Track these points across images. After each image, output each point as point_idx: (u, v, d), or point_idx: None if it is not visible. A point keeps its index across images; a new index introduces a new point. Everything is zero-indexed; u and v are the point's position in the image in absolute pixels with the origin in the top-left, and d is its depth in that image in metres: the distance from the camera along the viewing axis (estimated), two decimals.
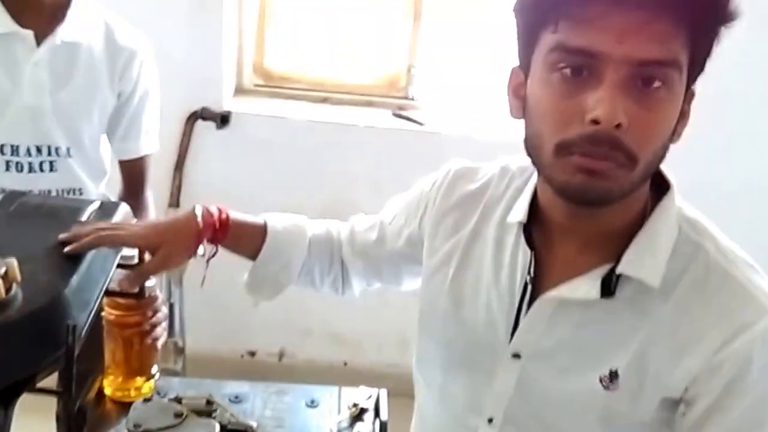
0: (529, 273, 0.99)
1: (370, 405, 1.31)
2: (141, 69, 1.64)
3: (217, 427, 0.87)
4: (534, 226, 1.00)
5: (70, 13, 1.53)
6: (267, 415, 1.26)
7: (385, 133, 2.60)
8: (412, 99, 2.76)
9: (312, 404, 1.33)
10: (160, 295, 1.30)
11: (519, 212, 1.01)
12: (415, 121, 2.64)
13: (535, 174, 0.98)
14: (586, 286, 0.94)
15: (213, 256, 1.16)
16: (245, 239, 1.20)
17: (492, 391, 1.03)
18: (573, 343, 0.96)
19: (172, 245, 1.11)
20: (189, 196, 2.60)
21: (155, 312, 1.29)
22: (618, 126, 0.81)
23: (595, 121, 0.81)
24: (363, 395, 1.32)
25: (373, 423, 1.27)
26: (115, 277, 1.10)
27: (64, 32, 1.53)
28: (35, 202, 1.07)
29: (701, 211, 0.99)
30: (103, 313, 1.30)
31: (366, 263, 1.26)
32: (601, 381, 0.94)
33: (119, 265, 1.08)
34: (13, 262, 0.84)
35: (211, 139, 2.59)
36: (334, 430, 1.25)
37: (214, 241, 1.16)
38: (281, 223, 1.24)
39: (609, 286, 0.93)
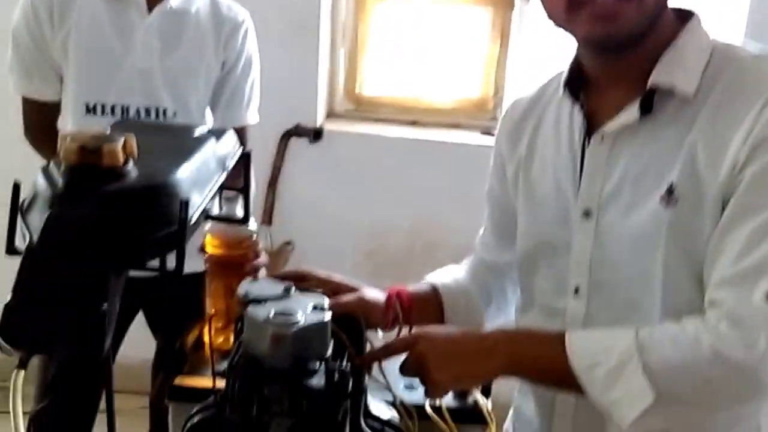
0: (584, 121, 1.02)
1: None
2: (244, 40, 1.67)
3: (327, 300, 0.82)
4: (582, 91, 1.04)
5: None
6: None
7: (473, 150, 2.56)
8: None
9: None
10: (261, 242, 1.28)
11: (564, 76, 1.06)
12: None
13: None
14: (628, 114, 0.98)
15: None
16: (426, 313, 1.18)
17: (573, 261, 1.03)
18: (632, 174, 0.98)
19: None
20: (281, 214, 2.60)
21: (257, 255, 1.27)
22: None
23: None
24: None
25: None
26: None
27: (173, 0, 1.57)
28: (147, 122, 1.05)
29: None
30: (206, 254, 1.28)
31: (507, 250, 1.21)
32: (661, 200, 0.94)
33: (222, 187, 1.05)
34: (132, 137, 0.82)
35: (304, 157, 2.59)
36: None
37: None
38: (445, 279, 1.23)
39: (647, 105, 0.96)
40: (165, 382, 1.24)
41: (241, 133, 1.75)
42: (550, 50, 2.67)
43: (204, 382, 1.17)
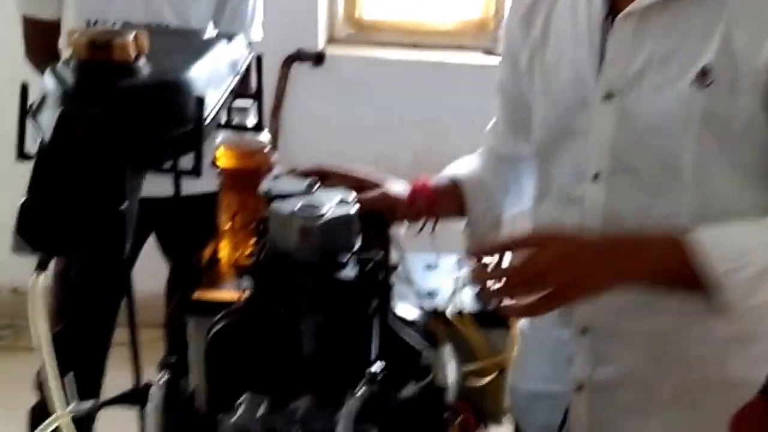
0: (604, 3, 0.97)
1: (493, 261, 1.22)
2: None
3: (352, 193, 0.79)
4: None
5: None
6: None
7: (475, 70, 2.51)
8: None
9: (431, 266, 1.25)
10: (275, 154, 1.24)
11: None
12: None
13: None
14: None
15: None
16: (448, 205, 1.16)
17: (592, 146, 0.99)
18: (660, 54, 0.93)
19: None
20: (285, 140, 2.56)
21: (271, 167, 1.23)
22: None
23: None
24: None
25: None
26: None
27: None
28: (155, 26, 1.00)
29: None
30: (218, 168, 1.24)
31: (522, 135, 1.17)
32: (693, 82, 0.90)
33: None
34: (143, 32, 0.78)
35: (306, 83, 2.54)
36: (458, 281, 1.17)
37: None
38: (463, 172, 1.19)
39: None
40: (182, 298, 1.21)
41: None
42: None
43: (222, 295, 1.15)
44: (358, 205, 0.78)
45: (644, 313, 0.99)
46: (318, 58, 2.51)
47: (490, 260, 0.90)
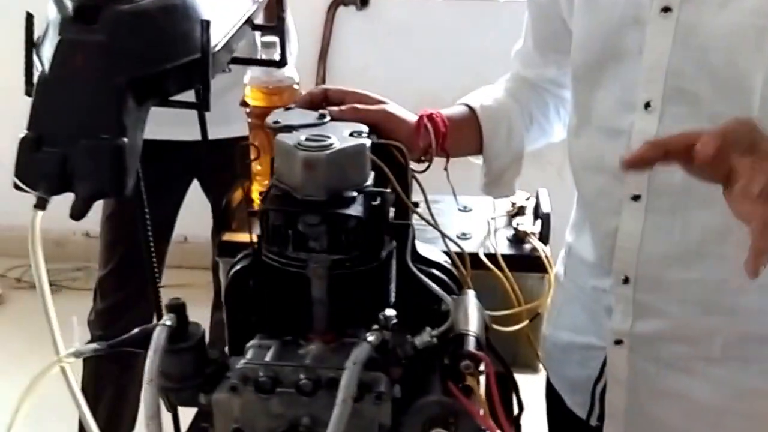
0: None
1: (530, 204, 1.14)
2: None
3: (365, 127, 0.73)
4: None
5: None
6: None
7: (523, 8, 2.39)
8: None
9: (465, 209, 1.19)
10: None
11: None
12: None
13: None
14: None
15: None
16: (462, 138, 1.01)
17: (645, 68, 0.87)
18: None
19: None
20: (332, 84, 2.50)
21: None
22: None
23: None
24: (521, 196, 1.15)
25: (534, 217, 1.11)
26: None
27: None
28: None
29: None
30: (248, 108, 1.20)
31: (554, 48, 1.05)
32: None
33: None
34: None
35: (352, 26, 2.47)
36: (492, 223, 1.10)
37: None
38: (482, 100, 1.05)
39: None
40: (214, 240, 1.18)
41: None
42: None
43: (248, 236, 1.11)
44: (369, 141, 0.71)
45: (694, 260, 0.90)
46: (363, 1, 2.43)
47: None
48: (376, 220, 0.67)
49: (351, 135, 0.71)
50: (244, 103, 1.22)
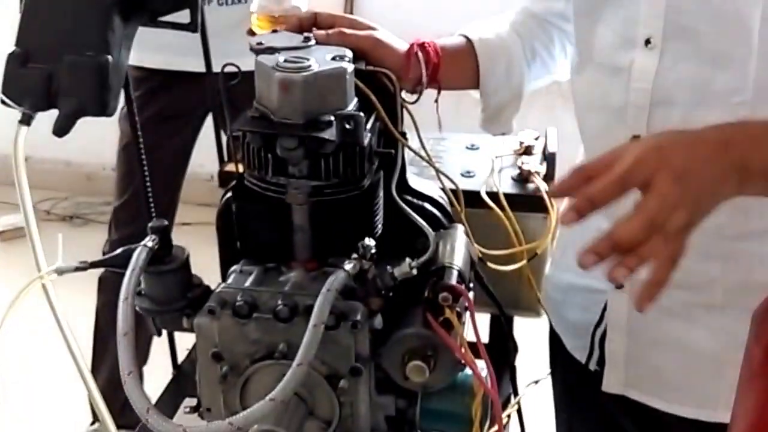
0: None
1: (538, 144, 1.13)
2: None
3: (349, 52, 0.72)
4: None
5: None
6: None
7: None
8: None
9: (472, 147, 1.18)
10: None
11: None
12: None
13: None
14: None
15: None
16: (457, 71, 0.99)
17: (645, 3, 0.85)
18: None
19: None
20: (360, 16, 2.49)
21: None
22: None
23: None
24: (529, 135, 1.14)
25: (542, 157, 1.10)
26: None
27: None
28: None
29: None
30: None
31: None
32: None
33: None
34: None
35: None
36: (497, 162, 1.09)
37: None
38: (483, 33, 1.02)
39: None
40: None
41: None
42: None
43: None
44: (350, 65, 0.70)
45: None
46: None
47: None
48: (352, 145, 0.67)
49: (333, 59, 0.70)
50: (250, 32, 1.21)
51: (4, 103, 0.71)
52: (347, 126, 0.66)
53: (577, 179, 0.67)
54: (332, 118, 0.66)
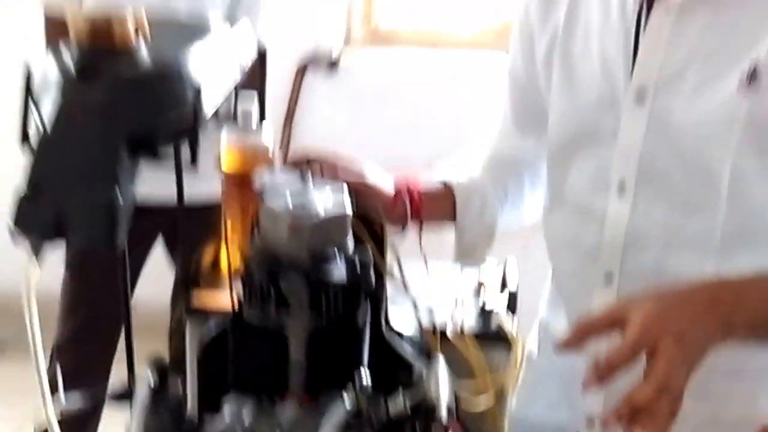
0: None
1: (497, 273, 1.19)
2: None
3: (348, 194, 0.78)
4: None
5: None
6: None
7: (493, 79, 2.50)
8: None
9: (433, 276, 1.23)
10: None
11: None
12: None
13: None
14: None
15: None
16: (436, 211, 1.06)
17: (619, 152, 0.92)
18: (702, 51, 0.87)
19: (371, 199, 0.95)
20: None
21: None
22: None
23: None
24: (490, 266, 1.20)
25: (501, 287, 1.16)
26: None
27: None
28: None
29: None
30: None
31: (533, 127, 1.09)
32: (740, 85, 0.83)
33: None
34: (144, 17, 0.78)
35: (320, 90, 2.55)
36: (459, 292, 1.15)
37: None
38: (458, 176, 1.10)
39: None
40: (182, 299, 1.20)
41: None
42: None
43: (219, 299, 1.15)
44: (351, 207, 0.76)
45: None
46: (332, 65, 2.52)
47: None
48: (358, 284, 0.72)
49: (334, 199, 0.76)
50: (218, 166, 1.26)
51: (13, 233, 0.72)
52: (356, 266, 0.71)
53: (585, 334, 0.77)
54: (338, 257, 0.70)
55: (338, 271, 0.70)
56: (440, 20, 2.71)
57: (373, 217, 0.82)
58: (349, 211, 0.75)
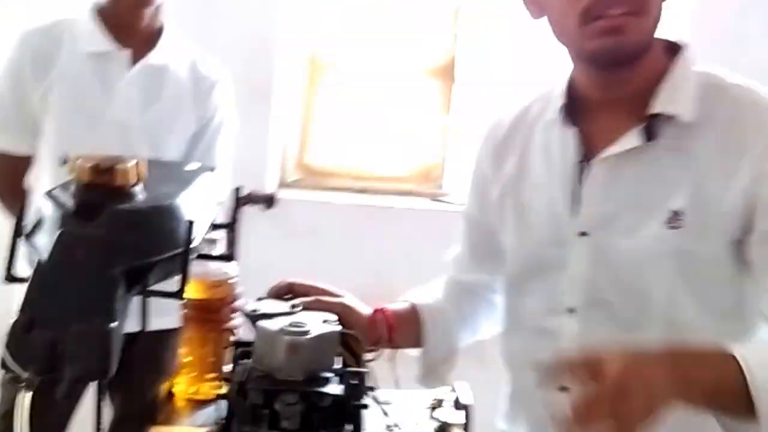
0: (579, 145, 1.05)
1: (449, 396, 1.25)
2: (221, 97, 1.71)
3: (335, 317, 0.84)
4: (575, 115, 1.08)
5: (162, 40, 1.62)
6: None
7: (424, 215, 2.64)
8: (447, 189, 2.82)
9: (385, 403, 1.28)
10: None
11: (558, 100, 1.09)
12: (452, 203, 2.70)
13: (565, 75, 1.10)
14: (631, 139, 1.01)
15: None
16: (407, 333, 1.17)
17: (567, 280, 1.05)
18: (632, 198, 1.02)
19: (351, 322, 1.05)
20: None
21: (235, 298, 1.28)
22: None
23: None
24: (442, 390, 1.26)
25: (455, 408, 1.21)
26: None
27: (155, 55, 1.61)
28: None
29: None
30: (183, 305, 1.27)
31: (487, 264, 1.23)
32: (665, 224, 0.99)
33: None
34: (143, 160, 0.85)
35: (257, 225, 2.61)
36: (415, 415, 1.19)
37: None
38: (424, 300, 1.22)
39: (651, 131, 1.00)
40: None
41: None
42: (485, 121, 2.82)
43: (180, 430, 1.16)
44: (339, 327, 0.83)
45: None
46: (269, 202, 2.60)
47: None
48: (352, 399, 0.77)
49: (324, 322, 0.82)
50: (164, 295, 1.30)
51: (6, 367, 0.74)
52: (352, 382, 0.76)
53: (563, 369, 0.85)
54: (330, 374, 0.76)
55: (333, 385, 0.75)
56: (370, 159, 2.85)
57: (352, 339, 0.88)
58: (337, 329, 0.81)
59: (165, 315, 1.44)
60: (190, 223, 0.84)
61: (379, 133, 2.83)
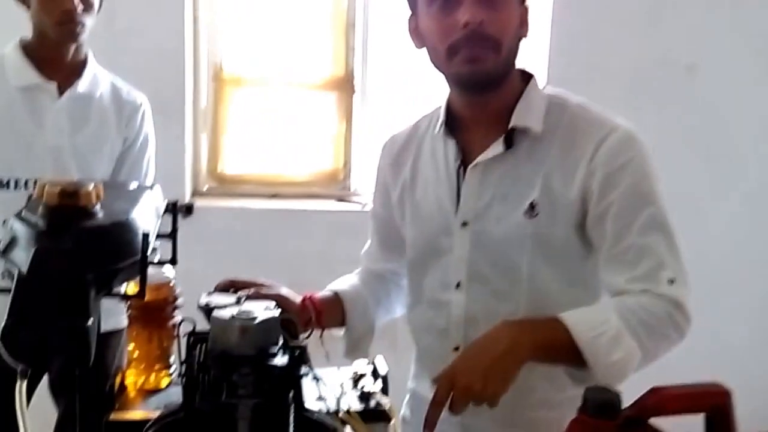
0: (458, 153, 1.27)
1: (368, 369, 1.42)
2: (143, 120, 1.83)
3: (274, 304, 0.99)
4: (454, 132, 1.30)
5: (86, 71, 1.73)
6: None
7: (330, 216, 2.80)
8: (351, 190, 2.98)
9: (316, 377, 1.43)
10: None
11: (440, 118, 1.31)
12: (356, 203, 2.87)
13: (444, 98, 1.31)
14: (495, 147, 1.24)
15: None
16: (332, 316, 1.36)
17: (454, 261, 1.27)
18: (499, 194, 1.25)
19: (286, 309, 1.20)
20: None
21: (176, 298, 1.41)
22: (481, 23, 1.15)
23: (466, 23, 1.15)
24: (362, 363, 1.43)
25: (374, 378, 1.39)
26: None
27: (81, 85, 1.71)
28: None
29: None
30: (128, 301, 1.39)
31: (394, 258, 1.44)
32: (525, 214, 1.22)
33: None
34: (101, 183, 0.98)
35: (179, 232, 2.70)
36: (342, 386, 1.36)
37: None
38: (344, 287, 1.42)
39: (509, 141, 1.24)
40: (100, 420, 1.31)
41: None
42: (386, 126, 3.01)
43: (137, 415, 1.28)
44: (278, 312, 0.98)
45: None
46: (188, 210, 2.70)
47: None
48: (294, 369, 0.93)
49: (266, 309, 0.97)
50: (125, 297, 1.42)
51: (3, 360, 0.87)
52: (295, 354, 0.92)
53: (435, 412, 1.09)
54: (277, 349, 0.91)
55: (280, 358, 0.91)
56: (279, 166, 2.99)
57: (288, 322, 1.04)
58: (277, 314, 0.96)
59: (111, 316, 1.57)
60: (145, 234, 0.97)
61: (286, 141, 2.97)
